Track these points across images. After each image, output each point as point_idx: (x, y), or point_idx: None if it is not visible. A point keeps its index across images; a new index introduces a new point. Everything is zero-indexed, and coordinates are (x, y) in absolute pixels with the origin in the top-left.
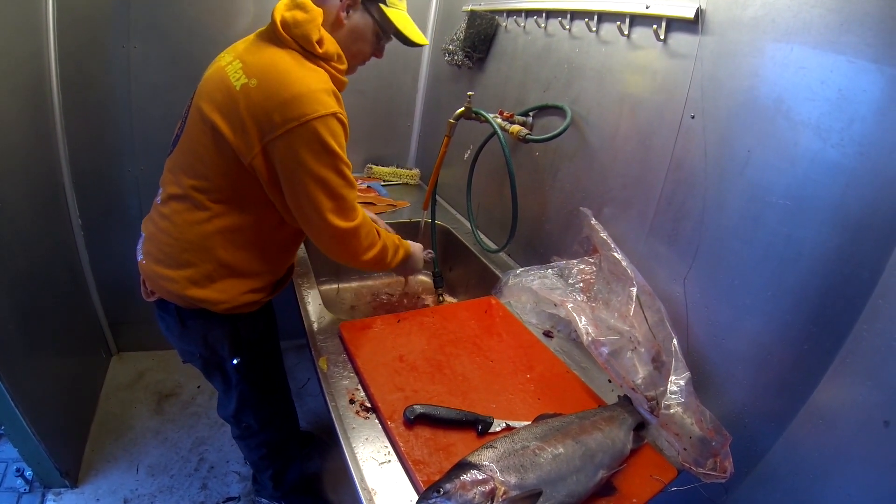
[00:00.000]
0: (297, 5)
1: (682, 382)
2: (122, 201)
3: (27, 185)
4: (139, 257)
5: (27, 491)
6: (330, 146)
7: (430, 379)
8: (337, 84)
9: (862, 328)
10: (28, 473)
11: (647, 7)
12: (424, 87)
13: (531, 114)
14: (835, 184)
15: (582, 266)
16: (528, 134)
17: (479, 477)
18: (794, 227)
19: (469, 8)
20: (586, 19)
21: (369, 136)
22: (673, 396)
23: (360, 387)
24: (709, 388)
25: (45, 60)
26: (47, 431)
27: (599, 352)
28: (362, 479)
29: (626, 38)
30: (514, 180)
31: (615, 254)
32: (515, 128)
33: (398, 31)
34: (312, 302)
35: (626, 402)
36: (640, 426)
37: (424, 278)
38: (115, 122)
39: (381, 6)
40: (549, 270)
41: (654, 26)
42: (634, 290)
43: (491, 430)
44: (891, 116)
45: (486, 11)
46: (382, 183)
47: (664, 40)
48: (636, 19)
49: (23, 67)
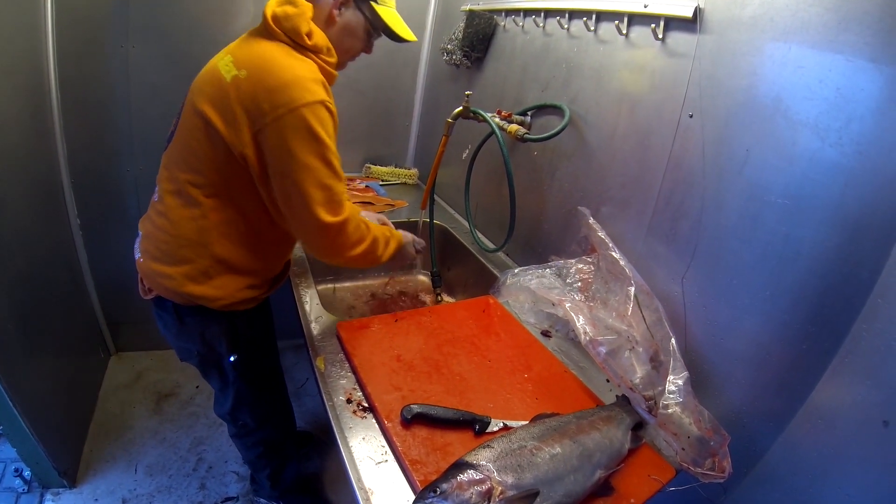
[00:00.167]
0: (287, 1)
1: (680, 382)
2: (121, 201)
3: (26, 185)
4: (137, 255)
5: (25, 491)
6: (317, 133)
7: (428, 378)
8: (326, 76)
9: (861, 328)
10: (26, 473)
11: (646, 6)
12: (423, 86)
13: (529, 113)
14: (833, 183)
15: (580, 265)
16: (526, 133)
17: (476, 477)
18: (793, 226)
19: (467, 7)
20: (585, 18)
21: (368, 136)
22: (671, 396)
23: (357, 386)
24: (707, 388)
25: (43, 60)
26: (46, 431)
27: (597, 351)
28: (359, 479)
29: (624, 37)
30: (512, 180)
31: (613, 253)
32: (513, 127)
33: (388, 28)
34: (310, 301)
35: (624, 401)
36: (639, 426)
37: (423, 278)
38: (114, 122)
39: (372, 4)
40: (547, 270)
41: (653, 25)
42: (632, 289)
43: (488, 430)
44: (889, 115)
45: (484, 11)
46: (381, 182)
47: (662, 39)
48: (634, 18)
49: (22, 67)
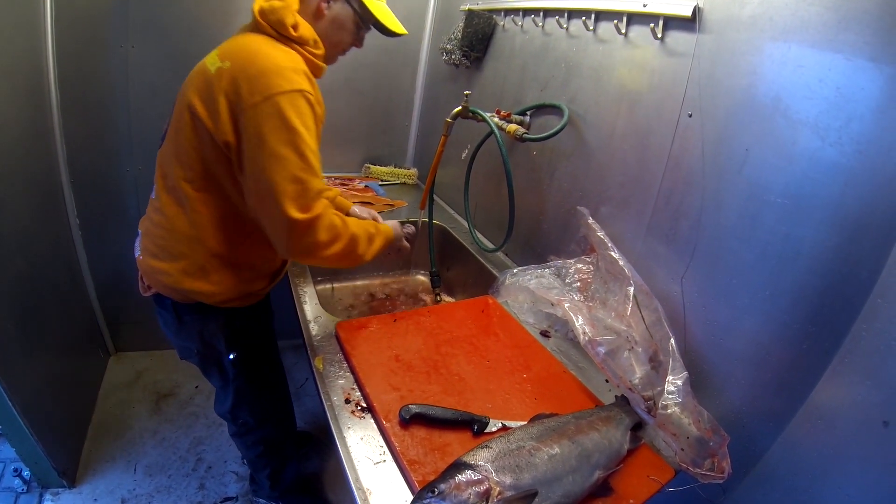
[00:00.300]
0: None
1: (679, 382)
2: (121, 201)
3: (25, 185)
4: (137, 253)
5: (25, 491)
6: (291, 123)
7: (426, 378)
8: (312, 68)
9: (861, 328)
10: (26, 473)
11: (645, 5)
12: (422, 86)
13: (528, 113)
14: (833, 182)
15: (579, 265)
16: (525, 133)
17: (474, 477)
18: (793, 225)
19: (467, 7)
20: (584, 18)
21: (367, 136)
22: (670, 396)
23: (355, 386)
24: (707, 388)
25: (43, 59)
26: (45, 431)
27: (596, 351)
28: (357, 479)
29: (623, 36)
30: (511, 179)
31: (612, 253)
32: (512, 127)
33: (377, 22)
34: (309, 301)
35: (623, 401)
36: (638, 426)
37: (422, 278)
38: (114, 122)
39: None
40: (547, 270)
41: (652, 25)
42: (632, 289)
43: (487, 430)
44: (889, 114)
45: (483, 10)
46: (380, 183)
47: (661, 39)
48: (633, 18)
49: (21, 66)
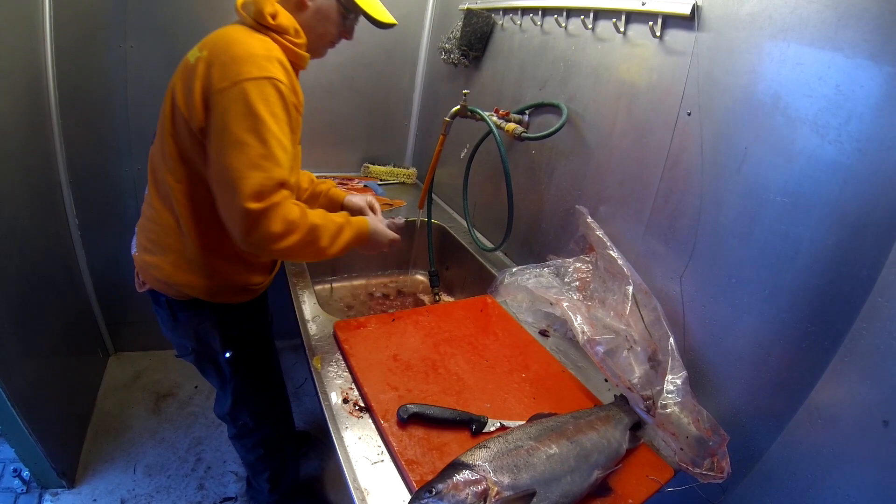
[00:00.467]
0: None
1: (678, 381)
2: (119, 201)
3: (24, 185)
4: (133, 251)
5: (24, 491)
6: (255, 110)
7: (425, 378)
8: (292, 57)
9: (861, 327)
10: (25, 474)
11: (643, 4)
12: (421, 85)
13: (527, 112)
14: (832, 181)
15: (578, 265)
16: (523, 132)
17: (472, 477)
18: (792, 224)
19: (465, 6)
20: (582, 17)
21: (366, 135)
22: (669, 396)
23: (353, 386)
24: (706, 388)
25: (41, 59)
26: (44, 432)
27: (595, 351)
28: (355, 479)
29: (622, 35)
30: (510, 178)
31: (611, 252)
32: (511, 126)
33: (363, 12)
34: (307, 301)
35: (622, 401)
36: (637, 426)
37: (421, 277)
38: (112, 122)
39: None
40: (545, 269)
41: (650, 23)
42: (630, 288)
43: (485, 430)
44: (888, 112)
45: (482, 10)
46: (379, 182)
47: (660, 37)
48: (632, 16)
49: (19, 66)
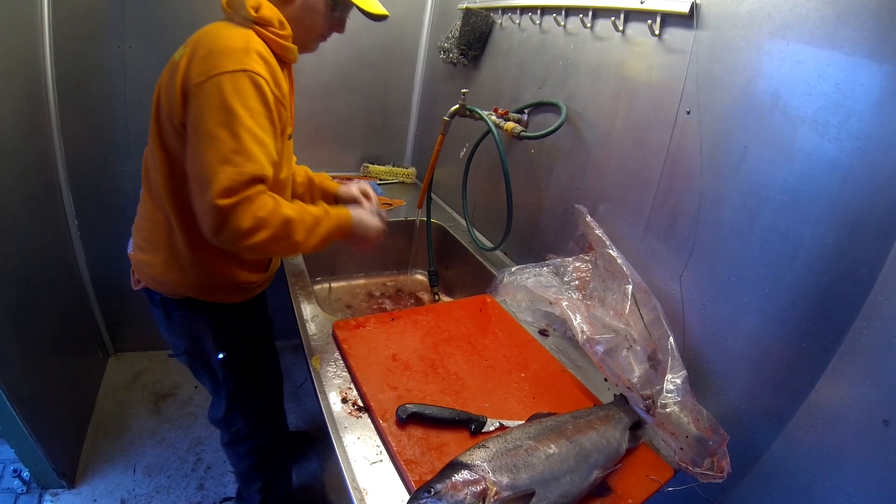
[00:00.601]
0: None
1: (678, 381)
2: (119, 201)
3: (23, 185)
4: (129, 250)
5: (24, 492)
6: (228, 103)
7: (424, 378)
8: (277, 49)
9: (861, 325)
10: (25, 474)
11: (642, 2)
12: (420, 85)
13: (526, 111)
14: (832, 179)
15: (577, 264)
16: (522, 131)
17: (471, 477)
18: (792, 222)
19: (464, 6)
20: (581, 15)
21: (365, 135)
22: (669, 395)
23: (352, 386)
24: (706, 387)
25: (40, 59)
26: (44, 432)
27: (594, 350)
28: (353, 479)
29: (620, 33)
30: (509, 178)
31: (610, 251)
32: (510, 125)
33: (353, 4)
34: (306, 300)
35: (621, 401)
36: (637, 425)
37: (421, 277)
38: (112, 123)
39: None
40: (545, 268)
41: (649, 21)
42: (630, 287)
43: (484, 430)
44: (888, 110)
45: (481, 9)
46: (378, 182)
47: (659, 35)
48: (631, 14)
49: (18, 66)
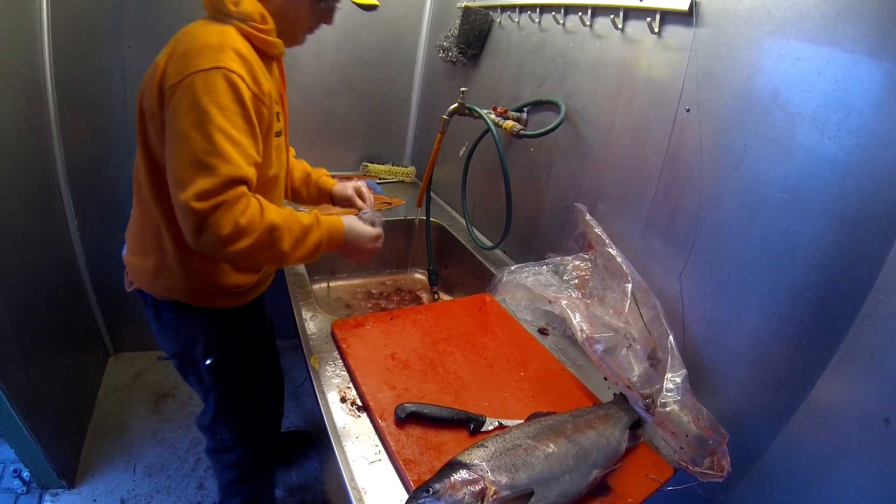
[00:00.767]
0: None
1: (678, 380)
2: (118, 201)
3: (22, 185)
4: (123, 252)
5: (24, 492)
6: (200, 102)
7: (423, 377)
8: (260, 44)
9: (861, 324)
10: (25, 474)
11: (641, 0)
12: (420, 84)
13: (525, 109)
14: (832, 176)
15: (577, 262)
16: (521, 129)
17: (469, 477)
18: (792, 220)
19: (464, 4)
20: (580, 13)
21: (365, 134)
22: (669, 394)
23: (351, 385)
24: (706, 386)
25: (39, 60)
26: (44, 432)
27: (594, 349)
28: (352, 479)
29: (620, 31)
30: (508, 176)
31: (610, 250)
32: (509, 123)
33: None
34: (305, 300)
35: (621, 399)
36: (636, 424)
37: (420, 276)
38: (111, 122)
39: None
40: (544, 267)
41: (648, 19)
42: (630, 286)
43: (483, 429)
44: (888, 108)
45: (480, 7)
46: (378, 181)
47: (658, 33)
48: (630, 12)
49: (17, 66)
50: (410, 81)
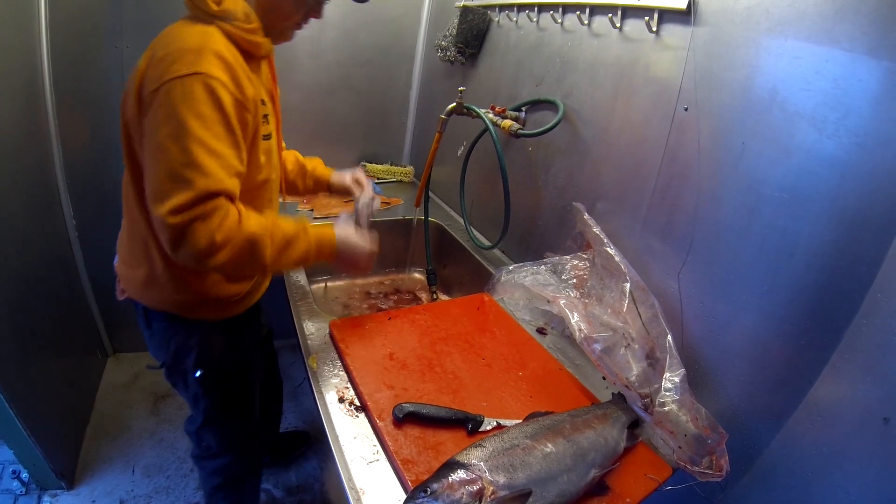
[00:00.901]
0: None
1: (676, 379)
2: (117, 202)
3: (21, 186)
4: (115, 260)
5: (23, 493)
6: (177, 112)
7: (421, 377)
8: (244, 44)
9: (861, 323)
10: (24, 475)
11: None
12: (418, 83)
13: (524, 109)
14: (831, 175)
15: (575, 262)
16: (519, 129)
17: (467, 476)
18: (790, 219)
19: (462, 3)
20: (578, 12)
21: (363, 134)
22: (668, 393)
23: (349, 385)
24: (704, 385)
25: (38, 60)
26: (43, 433)
27: (592, 348)
28: (350, 479)
29: (618, 30)
30: (506, 176)
31: (608, 249)
32: (507, 122)
33: None
34: (303, 300)
35: (619, 399)
36: (635, 424)
37: (419, 276)
38: (110, 123)
39: None
40: (543, 267)
41: (647, 18)
42: (628, 285)
43: (481, 429)
44: (887, 106)
45: (478, 7)
46: (377, 181)
47: (656, 32)
48: (628, 11)
49: (16, 67)
50: (409, 81)
